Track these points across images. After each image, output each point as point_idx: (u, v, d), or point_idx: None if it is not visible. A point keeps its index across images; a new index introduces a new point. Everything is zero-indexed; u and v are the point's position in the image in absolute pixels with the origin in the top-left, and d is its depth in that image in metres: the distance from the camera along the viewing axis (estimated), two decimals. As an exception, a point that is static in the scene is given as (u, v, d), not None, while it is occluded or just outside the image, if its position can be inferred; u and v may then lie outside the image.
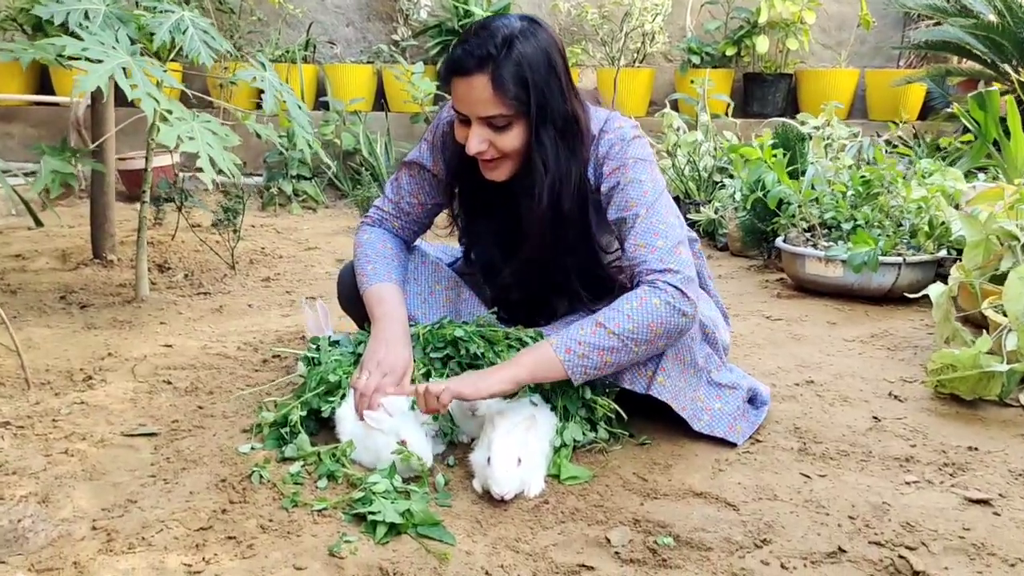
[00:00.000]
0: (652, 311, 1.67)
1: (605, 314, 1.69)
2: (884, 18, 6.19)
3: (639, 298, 1.69)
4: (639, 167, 1.81)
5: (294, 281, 3.35)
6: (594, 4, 6.00)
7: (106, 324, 2.67)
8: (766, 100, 6.06)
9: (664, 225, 1.77)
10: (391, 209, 2.06)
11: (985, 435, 1.92)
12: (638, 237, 1.76)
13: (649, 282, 1.71)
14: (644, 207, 1.77)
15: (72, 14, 2.42)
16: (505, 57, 1.68)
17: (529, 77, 1.70)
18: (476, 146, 1.75)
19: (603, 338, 1.67)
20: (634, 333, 1.67)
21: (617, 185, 1.80)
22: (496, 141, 1.75)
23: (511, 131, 1.75)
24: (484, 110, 1.71)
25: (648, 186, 1.80)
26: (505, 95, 1.69)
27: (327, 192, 5.57)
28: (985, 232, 2.49)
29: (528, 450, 1.59)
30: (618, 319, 1.67)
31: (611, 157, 1.82)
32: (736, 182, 3.97)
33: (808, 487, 1.65)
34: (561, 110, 1.77)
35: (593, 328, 1.68)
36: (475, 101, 1.71)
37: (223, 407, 2.01)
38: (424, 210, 2.06)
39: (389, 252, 2.01)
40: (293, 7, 6.16)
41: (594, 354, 1.67)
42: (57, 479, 1.63)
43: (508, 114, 1.72)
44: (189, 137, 2.32)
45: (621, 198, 1.80)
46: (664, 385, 1.77)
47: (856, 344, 2.61)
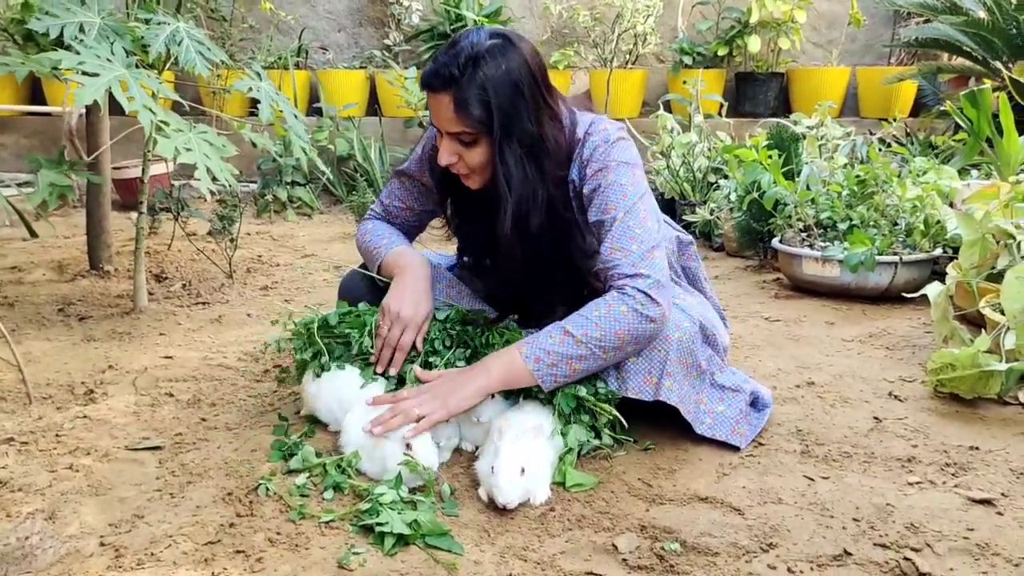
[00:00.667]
0: (619, 318, 1.70)
1: (574, 321, 1.72)
2: (874, 16, 6.22)
3: (607, 305, 1.72)
4: (620, 170, 1.83)
5: (292, 289, 3.35)
6: (585, 6, 6.02)
7: (105, 336, 2.67)
8: (758, 99, 6.08)
9: (640, 229, 1.78)
10: (382, 212, 2.15)
11: (986, 434, 1.94)
12: (614, 240, 1.78)
13: (619, 287, 1.73)
14: (622, 211, 1.79)
15: (67, 27, 2.42)
16: (468, 79, 1.70)
17: (492, 100, 1.71)
18: (446, 159, 1.80)
19: (571, 347, 1.70)
20: (601, 341, 1.70)
21: (598, 187, 1.83)
22: (464, 155, 1.80)
23: (477, 148, 1.78)
24: (449, 127, 1.76)
25: (628, 189, 1.82)
26: (467, 116, 1.72)
27: (322, 198, 5.57)
28: (981, 231, 2.51)
29: (532, 459, 1.59)
30: (586, 327, 1.70)
31: (594, 159, 1.84)
32: (731, 182, 3.98)
33: (812, 490, 1.66)
34: (528, 131, 1.77)
35: (562, 337, 1.71)
36: (441, 117, 1.76)
37: (226, 419, 2.01)
38: (413, 215, 2.14)
39: (396, 232, 2.11)
40: (285, 14, 6.16)
41: (563, 363, 1.70)
42: (63, 495, 1.63)
43: (471, 132, 1.75)
44: (187, 148, 2.32)
45: (601, 201, 1.82)
46: (672, 389, 1.78)
47: (855, 344, 2.62)
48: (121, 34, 2.51)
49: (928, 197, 3.13)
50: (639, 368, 1.78)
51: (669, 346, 1.78)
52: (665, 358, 1.77)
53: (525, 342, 1.74)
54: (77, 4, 2.51)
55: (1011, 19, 4.63)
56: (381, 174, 5.45)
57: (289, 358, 2.45)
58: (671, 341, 1.78)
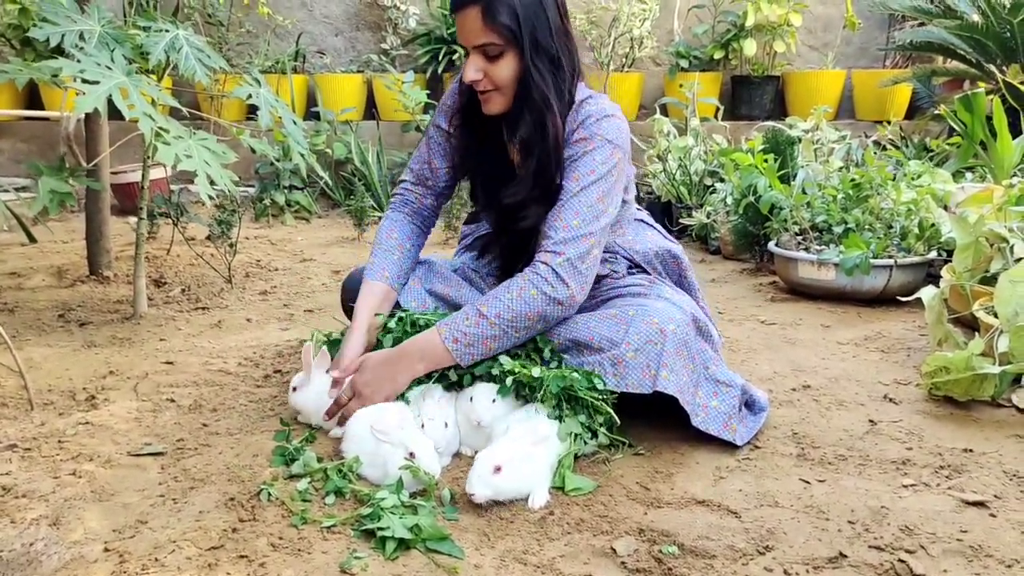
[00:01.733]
0: (529, 301, 1.83)
1: (488, 302, 1.84)
2: (869, 19, 6.25)
3: (519, 287, 1.84)
4: (602, 147, 1.92)
5: (291, 294, 3.36)
6: (582, 10, 6.03)
7: (106, 342, 2.68)
8: (754, 102, 6.10)
9: (588, 209, 1.88)
10: (413, 179, 2.21)
11: (980, 436, 1.96)
12: (560, 210, 1.88)
13: (535, 265, 1.85)
14: (580, 185, 1.89)
15: (68, 35, 2.43)
16: None
17: (519, 9, 1.83)
18: (471, 75, 1.88)
19: (485, 328, 1.82)
20: (513, 322, 1.83)
21: (575, 154, 1.92)
22: (489, 71, 1.87)
23: (503, 61, 1.86)
24: (476, 39, 1.84)
25: (599, 167, 1.91)
26: (494, 24, 1.82)
27: (320, 202, 5.59)
28: (975, 234, 2.53)
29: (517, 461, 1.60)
30: (498, 308, 1.82)
31: (583, 126, 1.94)
32: (727, 186, 4.00)
33: (808, 492, 1.68)
34: (550, 46, 1.89)
35: (476, 318, 1.83)
36: (468, 31, 1.85)
37: (227, 424, 2.02)
38: (443, 174, 2.18)
39: (393, 242, 2.14)
40: (282, 18, 6.17)
41: (479, 343, 1.83)
42: (67, 501, 1.64)
43: (498, 43, 1.84)
44: (187, 155, 2.33)
45: (572, 168, 1.91)
46: (669, 380, 1.80)
47: (850, 347, 2.65)
48: (121, 42, 2.52)
49: (923, 200, 3.16)
50: (637, 363, 1.81)
51: (664, 339, 1.80)
52: (661, 351, 1.80)
53: (444, 323, 1.86)
54: (77, 12, 2.53)
55: (1005, 23, 4.66)
56: (379, 178, 5.47)
57: (288, 363, 2.48)
58: (666, 334, 1.81)
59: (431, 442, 1.69)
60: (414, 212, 2.20)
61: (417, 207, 2.20)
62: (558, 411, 1.79)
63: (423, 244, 2.22)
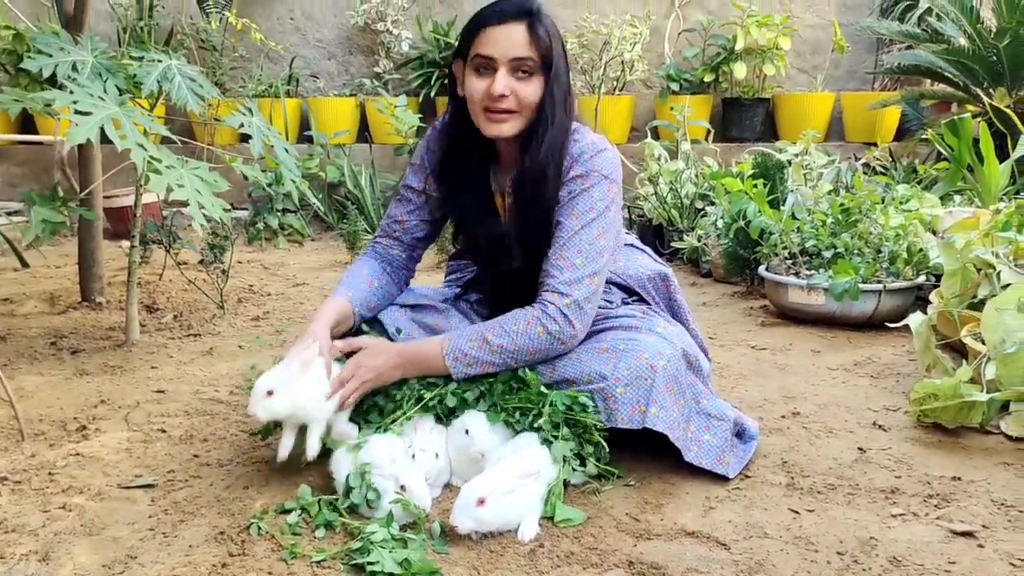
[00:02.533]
0: (534, 338, 1.86)
1: (493, 329, 1.87)
2: (857, 42, 6.31)
3: (526, 321, 1.86)
4: (599, 183, 1.94)
5: (284, 320, 3.37)
6: (573, 34, 6.08)
7: (98, 370, 2.68)
8: (745, 124, 6.15)
9: (589, 246, 1.91)
10: (383, 234, 2.20)
11: (968, 464, 1.97)
12: (563, 248, 1.91)
13: (543, 302, 1.88)
14: (581, 223, 1.91)
15: (61, 66, 2.45)
16: (539, 15, 1.89)
17: (552, 39, 1.90)
18: (501, 88, 1.87)
19: (486, 353, 1.86)
20: (514, 354, 1.86)
21: (573, 191, 1.94)
22: (518, 90, 1.88)
23: (531, 81, 1.89)
24: (517, 51, 1.86)
25: (597, 204, 1.93)
26: (538, 43, 1.87)
27: (313, 225, 5.61)
28: (962, 260, 2.56)
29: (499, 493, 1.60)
30: (502, 338, 1.86)
31: (578, 162, 1.95)
32: (718, 209, 4.03)
33: (797, 523, 1.69)
34: (565, 80, 1.95)
35: (480, 342, 1.86)
36: (511, 44, 1.86)
37: (218, 455, 2.03)
38: (413, 226, 2.16)
39: (362, 276, 2.10)
40: (275, 43, 6.21)
41: (477, 365, 1.87)
42: (56, 535, 1.64)
43: (536, 61, 1.88)
44: (179, 185, 2.35)
45: (570, 205, 1.93)
46: (658, 416, 1.80)
47: (840, 372, 2.66)
48: (114, 72, 2.54)
49: (911, 225, 3.18)
50: (627, 399, 1.81)
51: (654, 374, 1.81)
52: (651, 386, 1.80)
53: (447, 338, 1.89)
54: (70, 43, 2.55)
55: (991, 47, 4.71)
56: (372, 201, 5.49)
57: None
58: (656, 369, 1.81)
59: (422, 475, 1.69)
60: (383, 260, 2.16)
61: (386, 256, 2.17)
62: (554, 431, 1.80)
63: (393, 294, 2.15)
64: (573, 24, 6.15)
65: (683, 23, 6.44)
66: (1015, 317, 2.10)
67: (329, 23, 6.49)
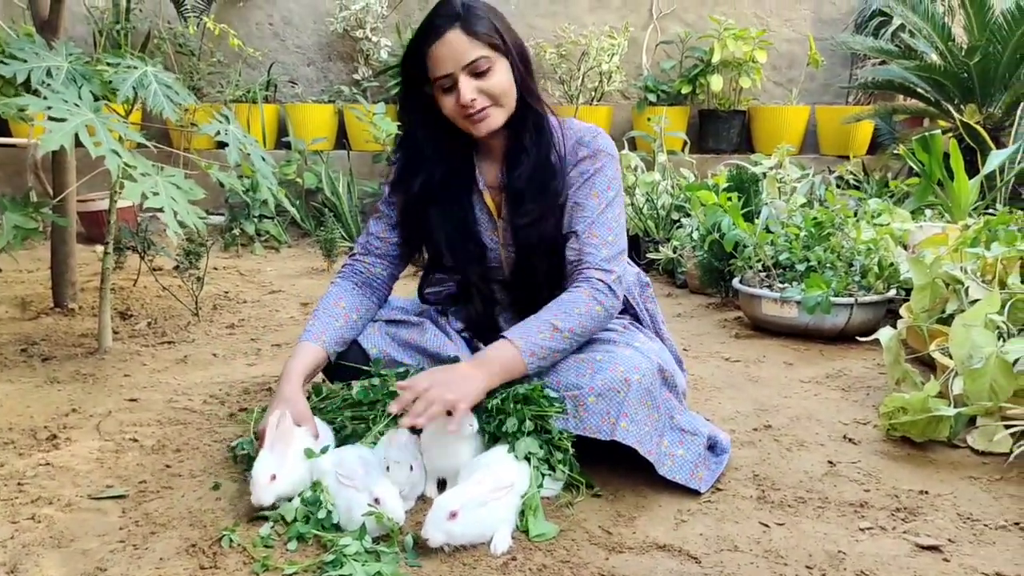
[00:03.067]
0: (595, 316, 1.91)
1: (557, 315, 1.89)
2: (832, 56, 6.40)
3: (584, 302, 1.90)
4: (608, 161, 2.02)
5: (259, 328, 3.35)
6: (552, 44, 6.12)
7: (69, 378, 2.66)
8: (721, 136, 6.22)
9: (616, 224, 1.99)
10: (361, 250, 2.18)
11: (935, 478, 2.00)
12: (593, 227, 1.96)
13: (591, 280, 1.92)
14: (605, 202, 1.99)
15: (35, 72, 2.43)
16: (469, 11, 1.88)
17: (495, 22, 1.91)
18: (469, 95, 1.88)
19: (558, 341, 1.87)
20: (581, 335, 1.91)
21: (587, 172, 2.00)
22: (484, 86, 1.89)
23: (495, 72, 1.90)
24: (465, 57, 1.86)
25: (614, 183, 2.02)
26: (480, 38, 1.87)
27: (290, 231, 5.59)
28: (931, 276, 2.59)
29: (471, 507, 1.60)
30: (570, 322, 1.88)
31: (583, 144, 2.02)
32: (693, 221, 4.07)
33: (767, 536, 1.70)
34: (525, 50, 1.98)
35: (551, 332, 1.87)
36: (455, 53, 1.86)
37: (190, 466, 2.01)
38: (392, 244, 2.15)
39: (339, 311, 2.07)
40: (254, 49, 6.19)
41: (550, 355, 1.88)
42: (25, 547, 1.62)
43: (487, 55, 1.88)
44: (154, 192, 2.34)
45: (587, 185, 1.99)
46: (628, 430, 1.81)
47: (812, 385, 2.69)
48: (89, 78, 2.52)
49: (882, 240, 3.23)
50: (598, 408, 1.82)
51: (628, 388, 1.82)
52: (623, 399, 1.81)
53: (518, 337, 1.86)
54: (44, 48, 2.53)
55: (962, 64, 4.80)
56: (349, 208, 5.48)
57: (254, 401, 2.47)
58: (630, 383, 1.82)
59: (396, 488, 1.69)
60: (363, 282, 2.13)
61: (366, 276, 2.14)
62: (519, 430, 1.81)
63: (373, 315, 2.14)
64: (552, 34, 6.20)
65: (661, 35, 6.51)
66: (982, 333, 2.13)
67: (308, 29, 6.48)
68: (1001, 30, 4.73)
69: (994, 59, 4.79)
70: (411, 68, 1.95)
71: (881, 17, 6.03)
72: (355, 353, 2.07)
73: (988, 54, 4.77)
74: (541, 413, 1.84)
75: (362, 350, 2.08)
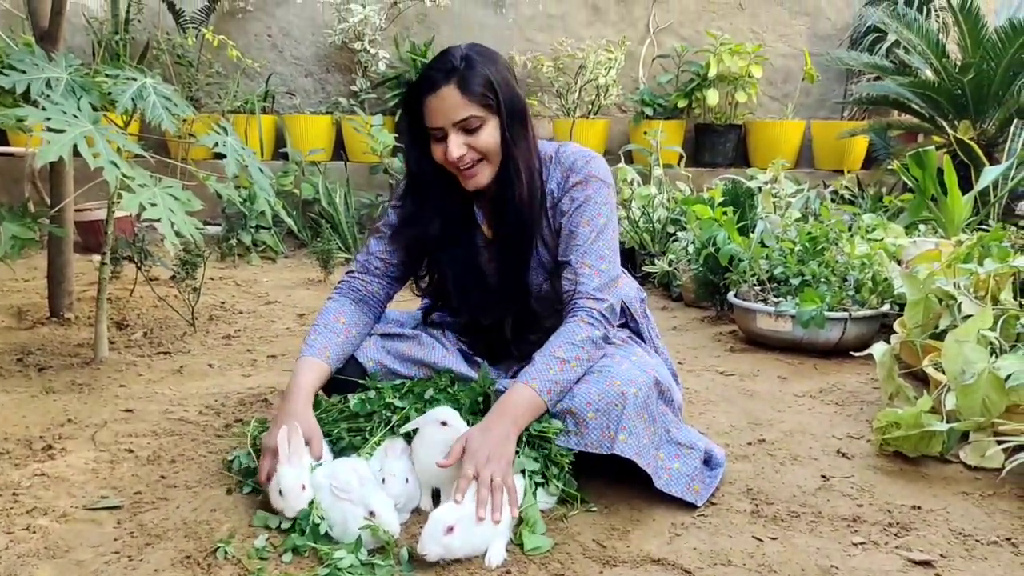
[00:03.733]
0: (595, 341, 1.94)
1: (560, 348, 1.90)
2: (828, 72, 6.44)
3: (584, 331, 1.92)
4: (599, 187, 2.03)
5: (255, 338, 3.36)
6: (549, 57, 6.15)
7: (65, 388, 2.66)
8: (717, 150, 6.25)
9: (609, 251, 2.01)
10: (360, 269, 2.18)
11: (928, 493, 2.01)
12: (585, 256, 1.98)
13: (586, 310, 1.94)
14: (596, 230, 2.00)
15: (34, 83, 2.44)
16: (467, 67, 1.89)
17: (493, 78, 1.91)
18: (456, 151, 1.90)
19: (568, 371, 1.88)
20: (587, 360, 1.92)
21: (577, 199, 2.01)
22: (473, 143, 1.91)
23: (484, 130, 1.91)
24: (457, 114, 1.88)
25: (604, 208, 2.02)
26: (473, 96, 1.88)
27: (286, 242, 5.59)
28: (924, 291, 2.61)
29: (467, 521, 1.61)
30: (574, 352, 1.90)
31: (574, 170, 2.03)
32: (689, 235, 4.08)
33: (761, 551, 1.71)
34: (522, 106, 1.98)
35: (559, 366, 1.88)
36: (447, 109, 1.88)
37: (186, 477, 2.02)
38: (391, 266, 2.16)
39: (339, 326, 2.07)
40: (252, 60, 6.21)
41: (565, 387, 1.89)
42: (20, 558, 1.62)
43: (479, 115, 1.89)
44: (151, 204, 2.35)
45: (579, 213, 2.01)
46: (627, 443, 1.83)
47: (806, 399, 2.70)
48: (88, 89, 2.54)
49: (876, 255, 3.24)
50: (597, 424, 1.83)
51: (625, 401, 1.83)
52: (621, 413, 1.83)
53: (531, 379, 1.86)
54: (44, 59, 2.54)
55: (956, 81, 4.84)
56: (346, 219, 5.49)
57: (250, 412, 2.47)
58: (627, 396, 1.83)
59: (391, 501, 1.70)
60: (360, 299, 2.15)
61: (363, 294, 2.15)
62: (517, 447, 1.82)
63: (369, 331, 2.15)
64: (549, 47, 6.23)
65: (657, 49, 6.55)
66: (974, 349, 2.15)
67: (306, 41, 6.50)
68: (995, 47, 4.77)
69: (987, 76, 4.83)
70: (410, 111, 1.99)
71: (876, 33, 6.08)
72: (351, 367, 2.08)
73: (982, 71, 4.80)
74: (542, 432, 1.85)
75: (358, 364, 2.09)
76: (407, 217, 2.10)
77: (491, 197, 2.05)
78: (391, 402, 1.97)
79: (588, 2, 6.49)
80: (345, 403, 2.02)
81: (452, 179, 2.01)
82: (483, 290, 2.12)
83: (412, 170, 2.07)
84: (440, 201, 2.06)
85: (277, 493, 1.72)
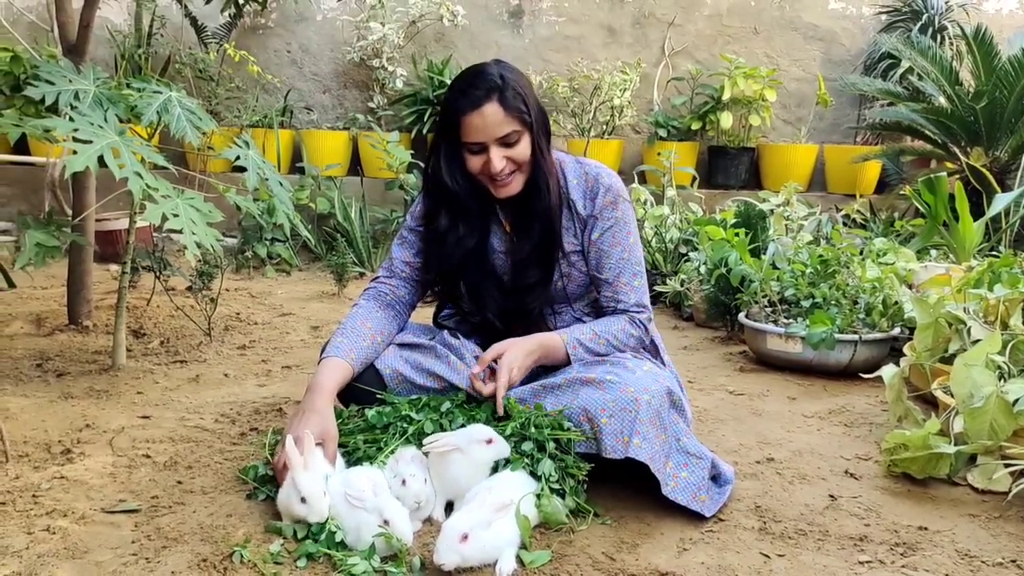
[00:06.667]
0: (630, 335, 2.18)
1: (598, 326, 2.16)
2: (841, 96, 6.47)
3: (622, 324, 2.17)
4: (625, 206, 2.20)
5: (270, 349, 3.40)
6: (565, 78, 6.21)
7: (83, 394, 2.70)
8: (729, 172, 6.28)
9: (639, 265, 2.21)
10: (387, 273, 2.29)
11: (935, 514, 2.02)
12: (622, 276, 2.19)
13: (630, 316, 2.18)
14: (627, 248, 2.19)
15: (63, 94, 2.50)
16: (505, 85, 2.01)
17: (525, 96, 2.04)
18: (499, 164, 2.03)
19: (596, 344, 2.13)
20: (615, 346, 2.15)
21: (608, 218, 2.17)
22: (511, 155, 2.04)
23: (521, 143, 2.05)
24: (500, 130, 2.01)
25: (630, 225, 2.21)
26: (515, 113, 2.01)
27: (301, 255, 5.65)
28: (934, 315, 2.63)
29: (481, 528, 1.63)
30: (608, 334, 2.15)
31: (602, 186, 2.19)
32: (701, 255, 4.11)
33: (768, 567, 1.73)
34: (546, 117, 2.15)
35: (592, 335, 2.13)
36: (490, 126, 2.00)
37: (202, 482, 2.05)
38: (416, 267, 2.27)
39: (365, 331, 2.13)
40: (272, 76, 6.29)
41: (587, 354, 2.12)
42: (40, 558, 1.66)
43: (518, 129, 2.03)
44: (173, 214, 2.40)
45: (611, 233, 2.17)
46: (641, 447, 1.87)
47: (815, 420, 2.72)
48: (115, 102, 2.59)
49: (887, 279, 3.27)
50: (611, 429, 1.88)
51: (638, 407, 1.88)
52: (635, 418, 1.87)
53: (563, 332, 2.13)
54: (72, 71, 2.60)
55: (969, 108, 4.86)
56: (361, 234, 5.54)
57: (264, 421, 2.51)
58: (640, 403, 1.88)
59: (405, 510, 1.73)
60: (387, 304, 2.23)
61: (390, 299, 2.24)
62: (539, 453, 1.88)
63: (391, 340, 2.21)
64: (565, 68, 6.29)
65: (672, 72, 6.60)
66: (983, 373, 2.17)
67: (325, 57, 6.59)
68: (1008, 76, 4.80)
69: (1000, 104, 4.86)
70: (445, 125, 2.08)
71: (890, 60, 6.11)
72: (369, 375, 2.12)
73: (995, 99, 4.83)
74: (562, 436, 1.89)
75: (376, 371, 2.13)
76: (443, 231, 2.18)
77: (516, 201, 2.14)
78: (408, 414, 2.00)
79: (604, 24, 6.57)
80: (362, 416, 2.06)
81: (481, 189, 2.12)
82: (499, 291, 2.21)
83: (448, 185, 2.13)
84: (472, 213, 2.16)
85: (299, 501, 1.74)
